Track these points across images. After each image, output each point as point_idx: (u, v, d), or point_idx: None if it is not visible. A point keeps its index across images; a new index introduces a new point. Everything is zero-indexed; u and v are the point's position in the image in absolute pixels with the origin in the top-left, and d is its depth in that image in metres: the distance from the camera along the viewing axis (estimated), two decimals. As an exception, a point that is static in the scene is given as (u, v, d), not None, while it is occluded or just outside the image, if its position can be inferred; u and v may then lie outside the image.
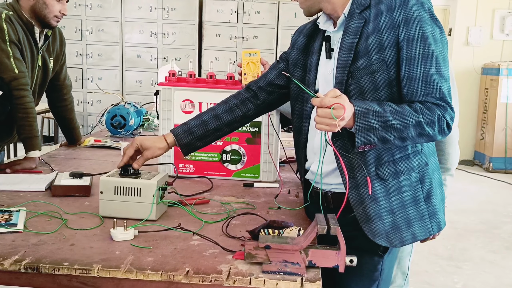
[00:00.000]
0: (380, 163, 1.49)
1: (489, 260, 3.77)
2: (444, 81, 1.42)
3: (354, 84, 1.48)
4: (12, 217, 1.54)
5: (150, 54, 6.61)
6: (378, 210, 1.49)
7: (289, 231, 1.37)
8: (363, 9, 1.48)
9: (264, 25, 6.47)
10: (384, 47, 1.44)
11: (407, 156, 1.51)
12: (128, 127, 2.96)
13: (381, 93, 1.46)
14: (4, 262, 1.26)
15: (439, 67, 1.41)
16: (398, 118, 1.37)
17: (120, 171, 1.63)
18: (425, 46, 1.41)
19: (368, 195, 1.47)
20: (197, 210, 1.69)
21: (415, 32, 1.41)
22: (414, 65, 1.41)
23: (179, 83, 2.08)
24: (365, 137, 1.38)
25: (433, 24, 1.43)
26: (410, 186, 1.51)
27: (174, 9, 6.50)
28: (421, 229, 1.53)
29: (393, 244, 1.53)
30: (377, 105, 1.39)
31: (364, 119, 1.36)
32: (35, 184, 1.89)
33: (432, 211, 1.55)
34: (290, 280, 1.21)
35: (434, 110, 1.40)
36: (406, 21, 1.41)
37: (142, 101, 3.71)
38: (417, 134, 1.40)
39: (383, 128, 1.37)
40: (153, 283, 1.23)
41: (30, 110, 2.24)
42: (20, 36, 2.26)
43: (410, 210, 1.51)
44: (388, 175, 1.49)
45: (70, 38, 6.33)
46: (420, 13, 1.41)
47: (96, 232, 1.48)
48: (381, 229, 1.50)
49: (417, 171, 1.52)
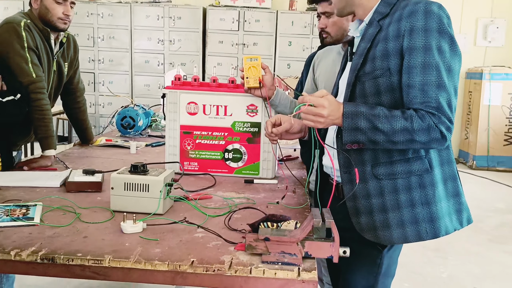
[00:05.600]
0: (376, 162, 1.47)
1: (473, 251, 3.78)
2: (443, 92, 1.36)
3: (360, 87, 1.47)
4: (29, 211, 1.54)
5: (157, 59, 6.61)
6: (368, 206, 1.48)
7: (286, 224, 1.37)
8: (382, 17, 1.46)
9: (263, 32, 6.47)
10: (389, 54, 1.41)
11: (406, 160, 1.46)
12: (137, 127, 2.96)
13: (383, 98, 1.44)
14: (22, 253, 1.26)
15: (440, 78, 1.36)
16: (386, 122, 1.36)
17: (130, 168, 1.63)
18: (426, 56, 1.36)
19: (360, 190, 1.46)
20: (201, 205, 1.69)
21: (418, 42, 1.37)
22: (413, 73, 1.37)
23: (185, 87, 2.08)
24: (352, 136, 1.38)
25: (441, 35, 1.37)
26: (407, 189, 1.46)
27: (180, 18, 6.50)
28: (413, 233, 1.47)
29: (379, 241, 1.49)
30: (367, 108, 1.38)
31: (352, 120, 1.37)
32: (51, 181, 1.89)
33: (430, 217, 1.46)
34: (287, 270, 1.21)
35: (426, 119, 1.35)
36: (411, 31, 1.38)
37: (150, 103, 3.70)
38: (407, 139, 1.37)
39: (370, 130, 1.36)
40: (160, 273, 1.23)
41: (46, 112, 2.24)
42: (37, 42, 2.26)
43: (405, 212, 1.46)
44: (383, 175, 1.46)
45: (83, 45, 6.33)
46: (426, 24, 1.36)
47: (107, 225, 1.48)
48: (370, 225, 1.48)
49: (417, 176, 1.46)
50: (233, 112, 2.05)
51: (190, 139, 2.09)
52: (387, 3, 1.47)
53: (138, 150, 2.61)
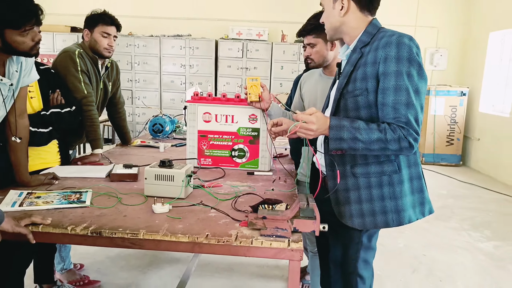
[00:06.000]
0: (354, 163, 1.42)
1: (423, 227, 3.77)
2: (412, 109, 1.31)
3: (343, 103, 1.42)
4: (82, 196, 1.54)
5: (180, 80, 6.60)
6: (347, 198, 1.43)
7: (279, 206, 1.37)
8: (364, 45, 1.41)
9: (261, 59, 6.46)
10: (367, 77, 1.36)
11: (379, 162, 1.41)
12: (165, 132, 2.95)
13: (362, 113, 1.39)
14: (77, 228, 1.26)
15: (409, 98, 1.30)
16: (364, 134, 1.31)
17: (159, 163, 1.63)
18: (397, 80, 1.31)
19: (341, 185, 1.43)
20: (213, 191, 1.69)
21: (391, 68, 1.32)
22: (387, 94, 1.32)
23: (201, 101, 2.08)
24: (337, 144, 1.34)
25: (410, 63, 1.31)
26: (379, 185, 1.41)
27: (198, 48, 6.49)
28: (382, 221, 1.42)
29: (354, 226, 1.44)
30: (349, 122, 1.34)
31: (336, 131, 1.33)
32: (98, 173, 1.89)
33: (396, 209, 1.41)
34: (280, 241, 1.22)
35: (397, 131, 1.31)
36: (385, 59, 1.32)
37: (174, 113, 3.70)
38: (381, 148, 1.32)
39: (351, 139, 1.32)
40: (182, 243, 1.23)
41: (95, 120, 2.24)
42: (88, 67, 2.26)
43: (376, 204, 1.41)
44: (359, 173, 1.42)
45: (123, 69, 6.33)
46: (398, 53, 1.31)
47: (142, 207, 1.48)
48: (347, 213, 1.44)
49: (387, 175, 1.41)
50: (238, 120, 2.05)
51: (205, 140, 2.09)
52: (368, 33, 1.42)
53: (166, 149, 2.61)
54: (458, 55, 6.92)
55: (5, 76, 1.57)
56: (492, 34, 6.10)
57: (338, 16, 1.44)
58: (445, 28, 6.84)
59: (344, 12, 1.43)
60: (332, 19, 1.47)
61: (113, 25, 2.30)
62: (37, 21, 1.48)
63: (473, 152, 6.45)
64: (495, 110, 6.11)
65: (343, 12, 1.43)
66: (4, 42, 1.46)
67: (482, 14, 6.39)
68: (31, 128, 1.81)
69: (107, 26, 2.27)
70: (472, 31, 6.66)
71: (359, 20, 1.44)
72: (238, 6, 6.84)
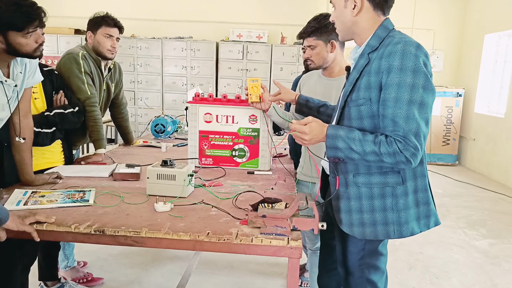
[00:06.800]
0: (357, 172, 1.35)
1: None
2: (412, 123, 1.21)
3: (347, 111, 1.36)
4: (85, 195, 1.54)
5: (182, 81, 6.60)
6: (348, 206, 1.37)
7: (279, 205, 1.37)
8: (372, 51, 1.32)
9: (261, 61, 6.46)
10: (371, 87, 1.28)
11: (382, 173, 1.33)
12: (167, 132, 2.95)
13: (365, 122, 1.32)
14: (80, 227, 1.26)
15: (409, 111, 1.21)
16: (359, 145, 1.26)
17: (161, 163, 1.62)
18: (399, 92, 1.21)
19: (343, 193, 1.38)
20: (215, 190, 1.69)
21: (393, 79, 1.22)
22: (387, 106, 1.24)
23: (202, 102, 2.07)
24: (333, 152, 1.31)
25: (414, 74, 1.21)
26: (382, 196, 1.34)
27: (199, 50, 6.49)
28: (383, 232, 1.35)
29: (353, 234, 1.38)
30: (345, 132, 1.29)
31: (332, 140, 1.30)
32: (102, 172, 1.89)
33: (398, 221, 1.33)
34: (279, 239, 1.21)
35: (393, 145, 1.23)
36: (389, 69, 1.23)
37: (176, 114, 3.71)
38: (376, 160, 1.26)
39: (346, 149, 1.28)
40: (184, 241, 1.23)
41: (98, 120, 2.23)
42: (91, 68, 2.26)
43: (378, 215, 1.34)
44: (361, 183, 1.35)
45: (126, 70, 6.32)
46: (402, 64, 1.21)
47: (144, 205, 1.48)
48: (347, 221, 1.38)
49: (390, 187, 1.33)
50: (238, 121, 2.05)
51: (206, 140, 2.09)
52: (378, 36, 1.33)
53: (167, 149, 2.60)
54: (454, 57, 6.92)
55: (10, 78, 1.57)
56: (488, 36, 6.10)
57: (350, 16, 1.35)
58: (441, 30, 6.84)
59: (357, 11, 1.34)
60: (343, 18, 1.38)
61: (115, 27, 2.30)
62: (41, 23, 1.48)
63: (468, 152, 6.45)
64: (490, 111, 6.11)
65: (356, 11, 1.34)
66: (7, 44, 1.46)
67: (478, 17, 6.39)
68: (35, 129, 1.81)
69: (110, 28, 2.27)
70: (468, 33, 6.66)
71: (371, 21, 1.35)
72: (239, 9, 6.84)
